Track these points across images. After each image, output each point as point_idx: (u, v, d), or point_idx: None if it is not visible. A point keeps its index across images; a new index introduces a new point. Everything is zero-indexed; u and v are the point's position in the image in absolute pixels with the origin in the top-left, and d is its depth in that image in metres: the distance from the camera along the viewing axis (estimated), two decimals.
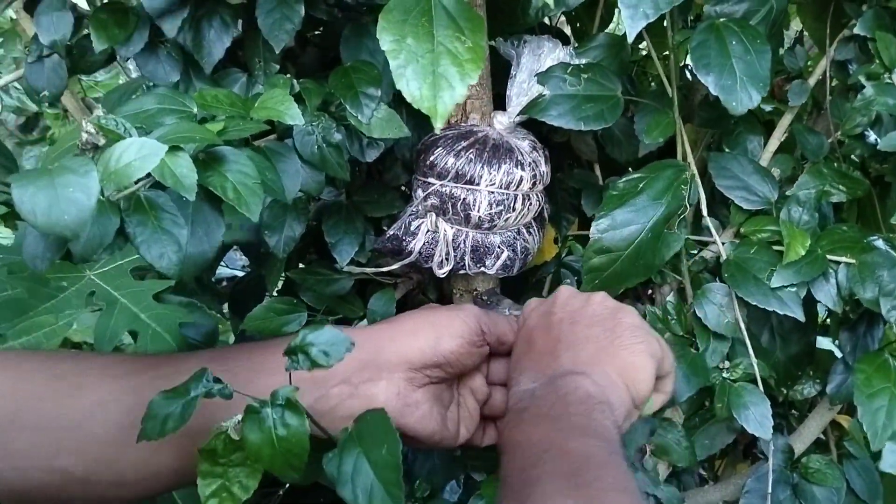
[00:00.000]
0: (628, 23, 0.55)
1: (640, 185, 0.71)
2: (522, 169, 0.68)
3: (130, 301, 0.73)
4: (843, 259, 0.72)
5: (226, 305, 1.01)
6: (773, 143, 0.80)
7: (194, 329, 0.74)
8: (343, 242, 0.72)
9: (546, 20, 0.87)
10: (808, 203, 0.74)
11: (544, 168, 0.71)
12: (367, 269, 0.76)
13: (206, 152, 0.51)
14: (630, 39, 0.55)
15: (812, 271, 0.71)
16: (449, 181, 0.67)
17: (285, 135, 0.61)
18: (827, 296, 0.73)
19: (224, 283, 1.10)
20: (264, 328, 0.75)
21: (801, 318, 0.71)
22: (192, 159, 0.47)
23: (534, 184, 0.69)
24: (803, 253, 0.70)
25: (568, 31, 0.93)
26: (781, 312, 0.71)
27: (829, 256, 0.72)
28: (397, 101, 0.62)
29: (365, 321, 0.78)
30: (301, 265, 0.89)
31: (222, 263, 1.14)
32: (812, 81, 0.79)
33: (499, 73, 0.72)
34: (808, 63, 0.83)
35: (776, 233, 0.75)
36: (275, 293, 0.86)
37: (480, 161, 0.66)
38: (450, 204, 0.67)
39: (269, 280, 0.79)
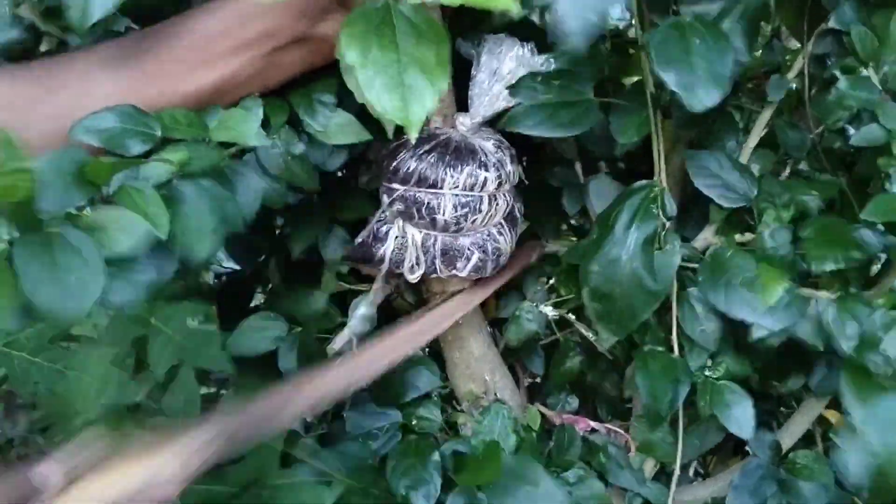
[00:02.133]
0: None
1: (611, 220, 0.71)
2: (486, 170, 0.68)
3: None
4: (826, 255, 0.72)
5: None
6: (753, 138, 0.80)
7: None
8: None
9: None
10: (782, 239, 0.73)
11: (510, 167, 0.71)
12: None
13: (167, 187, 0.52)
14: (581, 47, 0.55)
15: (791, 315, 0.71)
16: (413, 185, 0.67)
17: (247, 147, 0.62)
18: (810, 335, 0.72)
19: (223, 278, 1.11)
20: (247, 347, 0.77)
21: (775, 328, 0.71)
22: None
23: (499, 184, 0.69)
24: (782, 293, 0.70)
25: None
26: (749, 321, 0.71)
27: (811, 252, 0.72)
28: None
29: (345, 330, 0.79)
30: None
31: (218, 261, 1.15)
32: (791, 76, 0.78)
33: (460, 75, 0.71)
34: (788, 58, 0.82)
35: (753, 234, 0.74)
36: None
37: (443, 164, 0.66)
38: (415, 208, 0.67)
39: None
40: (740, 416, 0.75)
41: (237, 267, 1.10)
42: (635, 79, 0.82)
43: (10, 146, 0.43)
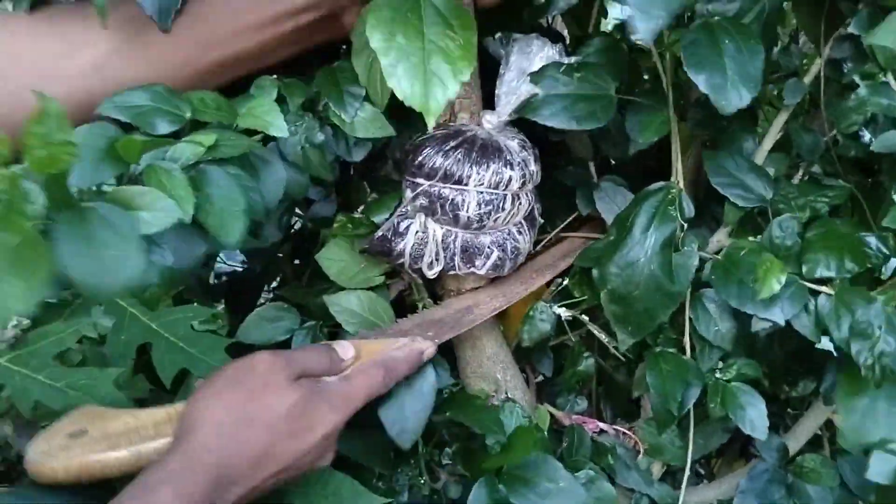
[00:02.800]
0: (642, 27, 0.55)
1: (629, 222, 0.70)
2: (511, 168, 0.67)
3: (140, 311, 0.71)
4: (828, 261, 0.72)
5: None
6: (769, 141, 0.80)
7: None
8: None
9: (544, 21, 0.86)
10: (790, 229, 0.73)
11: (534, 167, 0.70)
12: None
13: (195, 169, 0.52)
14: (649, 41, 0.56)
15: (792, 306, 0.71)
16: (437, 181, 0.66)
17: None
18: (806, 328, 0.72)
19: (224, 278, 1.10)
20: (257, 337, 0.76)
21: (782, 322, 0.70)
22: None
23: (523, 183, 0.69)
24: (778, 289, 0.70)
25: (566, 32, 0.92)
26: (762, 317, 0.71)
27: (816, 254, 0.72)
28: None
29: None
30: (298, 261, 0.90)
31: (220, 259, 1.14)
32: (807, 80, 0.78)
33: (488, 73, 0.71)
34: (804, 62, 0.82)
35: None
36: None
37: (469, 161, 0.66)
38: (438, 204, 0.67)
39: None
40: (755, 417, 0.75)
41: (238, 266, 1.09)
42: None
43: (59, 117, 0.42)
